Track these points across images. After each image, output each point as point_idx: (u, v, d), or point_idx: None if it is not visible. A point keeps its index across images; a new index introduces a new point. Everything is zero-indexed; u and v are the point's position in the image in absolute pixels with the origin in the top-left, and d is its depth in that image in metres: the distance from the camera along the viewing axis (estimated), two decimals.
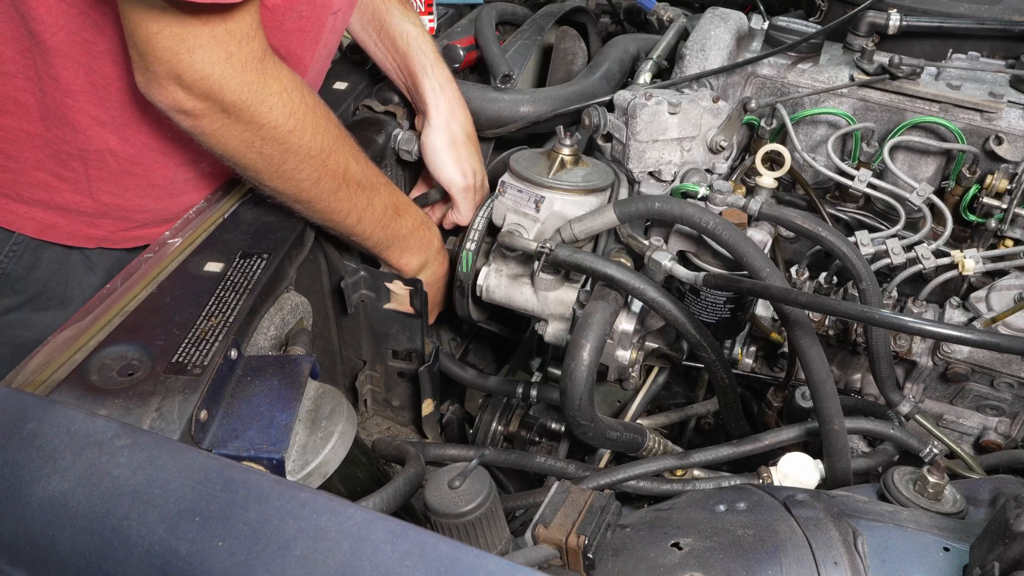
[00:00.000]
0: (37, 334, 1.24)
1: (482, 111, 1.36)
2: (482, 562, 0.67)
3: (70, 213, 1.18)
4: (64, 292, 1.25)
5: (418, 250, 1.26)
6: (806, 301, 0.94)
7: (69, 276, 1.25)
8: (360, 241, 1.20)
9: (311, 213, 1.12)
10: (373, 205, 1.15)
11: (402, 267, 1.26)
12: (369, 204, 1.15)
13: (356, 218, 1.14)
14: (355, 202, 1.13)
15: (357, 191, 1.12)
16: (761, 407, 1.35)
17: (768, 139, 1.36)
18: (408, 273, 1.27)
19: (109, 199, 1.18)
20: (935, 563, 0.77)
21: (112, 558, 0.71)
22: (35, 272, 1.22)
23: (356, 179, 1.12)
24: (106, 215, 1.20)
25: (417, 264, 1.27)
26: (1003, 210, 1.25)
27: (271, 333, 1.06)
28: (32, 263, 1.21)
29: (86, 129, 1.09)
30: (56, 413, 0.80)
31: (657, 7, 1.69)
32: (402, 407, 1.53)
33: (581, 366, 1.03)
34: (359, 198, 1.13)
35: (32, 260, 1.21)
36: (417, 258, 1.26)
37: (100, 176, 1.15)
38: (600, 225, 1.13)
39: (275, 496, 0.72)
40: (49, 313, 1.25)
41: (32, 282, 1.22)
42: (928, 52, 1.41)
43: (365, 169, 1.14)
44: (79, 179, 1.15)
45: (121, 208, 1.20)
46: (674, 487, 1.09)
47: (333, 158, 1.07)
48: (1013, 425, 1.26)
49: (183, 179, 1.20)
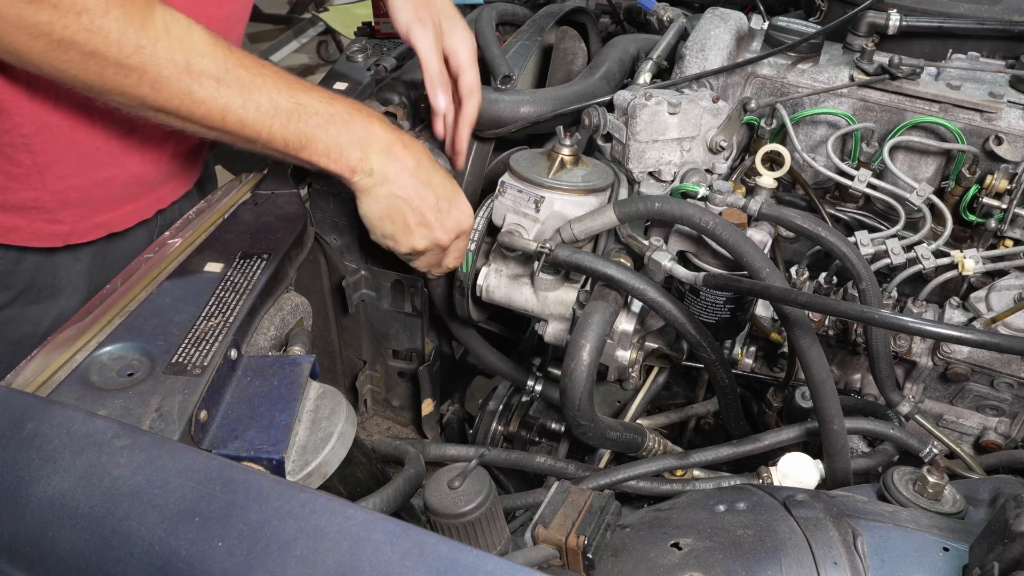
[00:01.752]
0: (31, 328, 1.25)
1: (482, 112, 1.36)
2: (482, 562, 0.67)
3: (29, 212, 1.17)
4: (52, 283, 1.25)
5: (353, 144, 1.08)
6: (806, 301, 0.94)
7: (56, 266, 1.25)
8: (266, 146, 1.05)
9: (174, 121, 1.01)
10: (254, 102, 1.01)
11: (339, 169, 1.09)
12: (247, 101, 1.01)
13: (236, 120, 1.01)
14: (220, 101, 1.00)
15: (219, 88, 0.99)
16: (761, 407, 1.35)
17: (768, 139, 1.36)
18: (350, 172, 1.09)
19: (63, 184, 1.16)
20: (935, 563, 0.77)
21: (112, 558, 0.71)
22: (21, 265, 1.22)
23: (212, 75, 0.99)
24: (65, 205, 1.19)
25: (356, 160, 1.09)
26: (1003, 210, 1.25)
27: (271, 333, 1.06)
28: (17, 258, 1.21)
29: (16, 109, 1.07)
30: (56, 413, 0.80)
31: (657, 7, 1.69)
32: (402, 407, 1.53)
33: (581, 366, 1.03)
34: (227, 96, 1.00)
35: (17, 255, 1.21)
36: (354, 153, 1.08)
37: (48, 160, 1.13)
38: (600, 225, 1.13)
39: (275, 496, 0.72)
40: (40, 305, 1.25)
41: (19, 276, 1.22)
42: (928, 52, 1.41)
43: (228, 63, 1.00)
44: (30, 174, 1.14)
45: (77, 190, 1.18)
46: (674, 487, 1.09)
47: (163, 54, 0.95)
48: (1013, 425, 1.26)
49: (126, 133, 1.18)
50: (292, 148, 1.06)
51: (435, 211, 1.14)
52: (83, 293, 1.28)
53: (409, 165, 1.12)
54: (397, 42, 1.54)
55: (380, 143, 1.10)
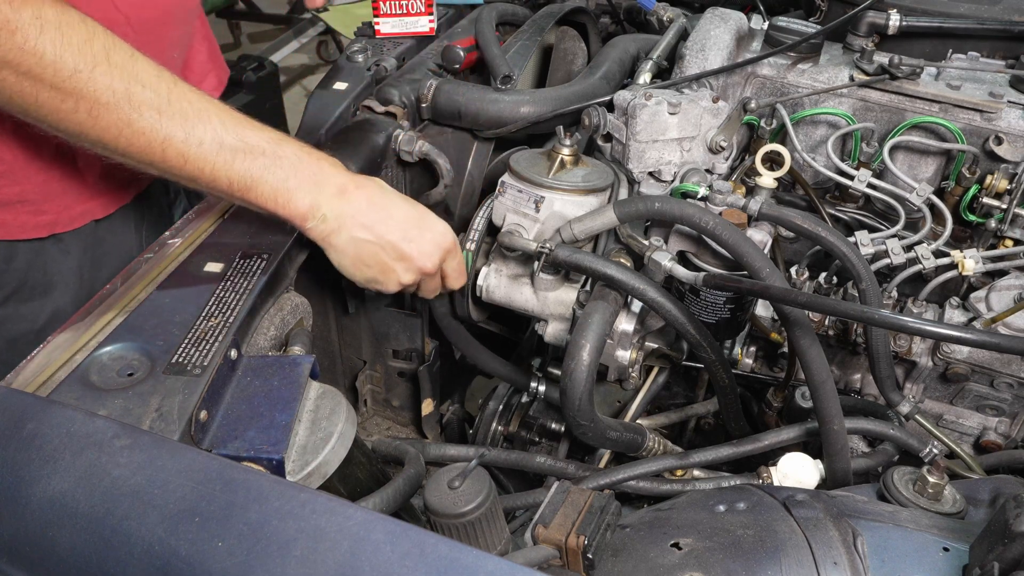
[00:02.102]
0: (27, 326, 1.26)
1: (482, 112, 1.36)
2: (482, 562, 0.67)
3: (14, 207, 1.18)
4: (44, 279, 1.26)
5: (302, 189, 1.03)
6: (806, 301, 0.94)
7: (47, 263, 1.26)
8: (210, 186, 1.01)
9: (113, 154, 0.99)
10: (197, 137, 0.98)
11: (288, 214, 1.04)
12: (190, 135, 0.98)
13: (177, 154, 0.98)
14: (161, 133, 0.97)
15: (160, 119, 0.96)
16: (761, 407, 1.35)
17: (768, 139, 1.36)
18: (301, 219, 1.05)
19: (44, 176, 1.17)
20: (935, 563, 0.77)
21: (112, 558, 0.71)
22: (13, 264, 1.23)
23: (153, 105, 0.95)
24: (48, 196, 1.19)
25: (307, 206, 1.04)
26: (1003, 210, 1.25)
27: (271, 333, 1.06)
28: (8, 256, 1.22)
29: None
30: (56, 413, 0.80)
31: (657, 7, 1.69)
32: (402, 407, 1.53)
33: (581, 366, 1.03)
34: (168, 127, 0.97)
35: (7, 253, 1.22)
36: (304, 198, 1.04)
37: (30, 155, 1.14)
38: (600, 225, 1.13)
39: (275, 496, 0.72)
40: (35, 303, 1.26)
41: (12, 275, 1.23)
42: (928, 52, 1.41)
43: (171, 95, 0.97)
44: (13, 170, 1.15)
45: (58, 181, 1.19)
46: (674, 487, 1.09)
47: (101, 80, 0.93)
48: (1013, 425, 1.26)
49: None
50: (237, 189, 1.02)
51: (406, 241, 1.10)
52: (75, 288, 1.29)
53: (362, 205, 1.07)
54: (397, 42, 1.54)
55: (331, 187, 1.06)
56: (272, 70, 4.30)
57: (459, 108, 1.37)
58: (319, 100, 1.35)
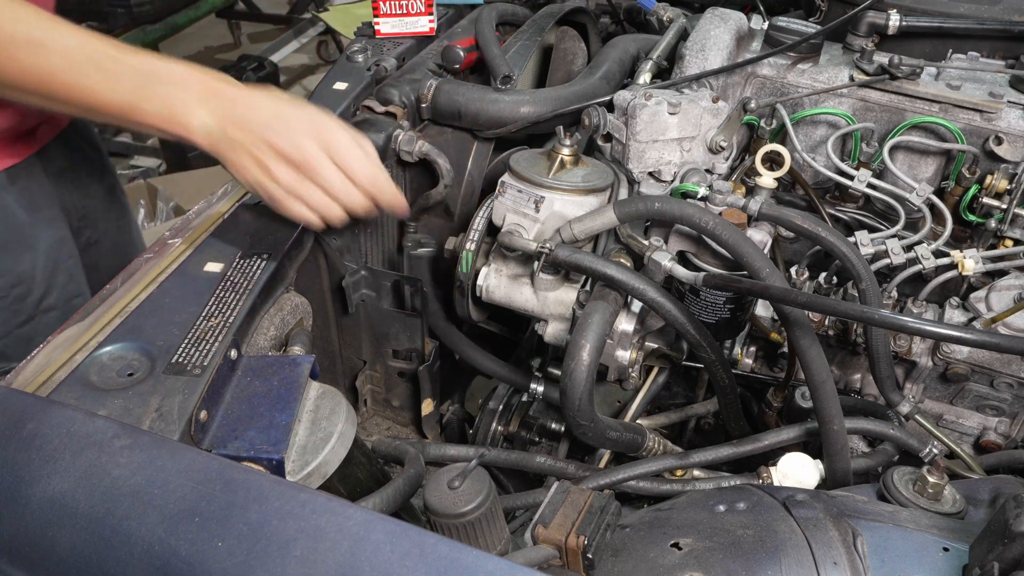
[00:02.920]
0: None
1: (482, 112, 1.36)
2: (482, 562, 0.67)
3: None
4: None
5: (197, 101, 0.99)
6: (806, 301, 0.94)
7: None
8: (97, 109, 0.99)
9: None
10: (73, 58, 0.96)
11: (184, 130, 0.99)
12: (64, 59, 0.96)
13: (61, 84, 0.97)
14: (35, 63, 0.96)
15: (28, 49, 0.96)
16: (761, 407, 1.35)
17: (768, 139, 1.36)
18: (201, 137, 1.00)
19: None
20: (935, 563, 0.77)
21: (112, 558, 0.71)
22: None
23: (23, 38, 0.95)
24: None
25: (204, 117, 0.99)
26: (1003, 210, 1.25)
27: (271, 333, 1.06)
28: None
29: None
30: (56, 413, 0.80)
31: (657, 7, 1.69)
32: (402, 407, 1.53)
33: (581, 366, 1.03)
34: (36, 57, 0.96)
35: None
36: (202, 110, 0.99)
37: None
38: (600, 225, 1.13)
39: (275, 496, 0.72)
40: None
41: None
42: (928, 52, 1.41)
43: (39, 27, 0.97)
44: None
45: None
46: (674, 487, 1.09)
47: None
48: (1013, 425, 1.26)
49: None
50: (127, 112, 0.98)
51: (271, 130, 1.00)
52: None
53: (238, 108, 1.00)
54: (397, 42, 1.54)
55: (224, 98, 1.00)
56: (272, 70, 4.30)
57: (459, 108, 1.38)
58: (319, 100, 1.35)
